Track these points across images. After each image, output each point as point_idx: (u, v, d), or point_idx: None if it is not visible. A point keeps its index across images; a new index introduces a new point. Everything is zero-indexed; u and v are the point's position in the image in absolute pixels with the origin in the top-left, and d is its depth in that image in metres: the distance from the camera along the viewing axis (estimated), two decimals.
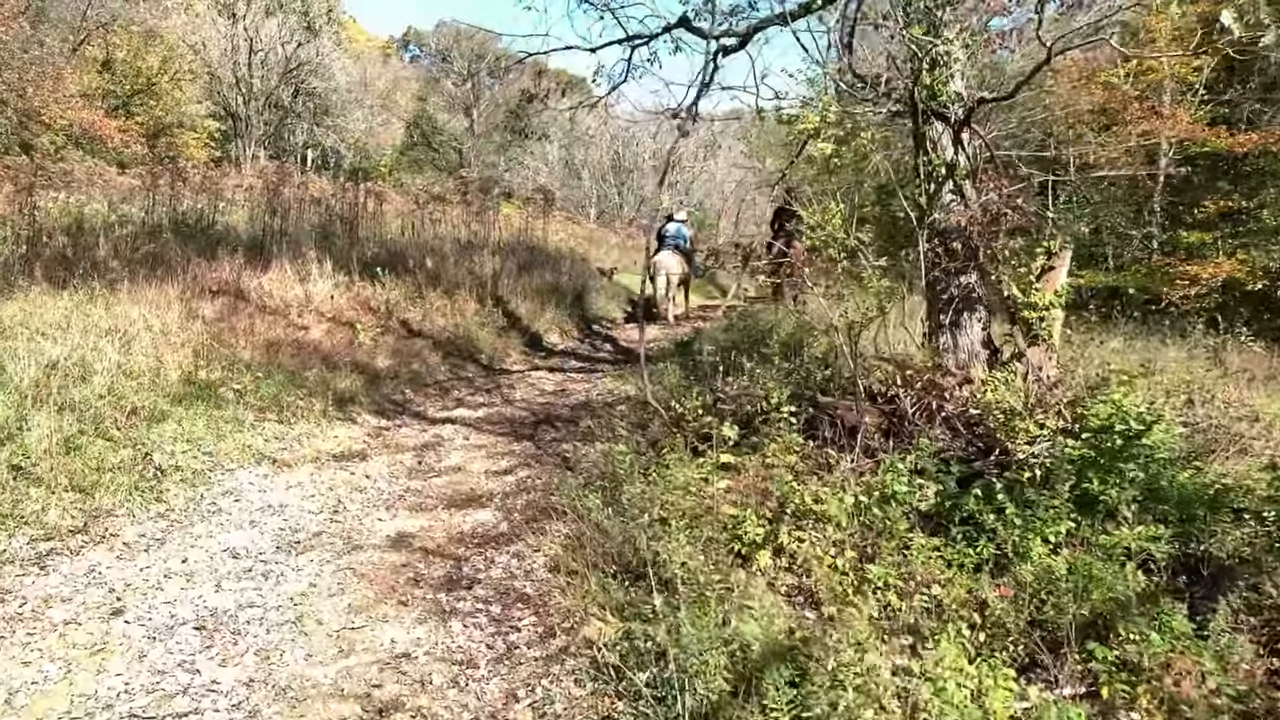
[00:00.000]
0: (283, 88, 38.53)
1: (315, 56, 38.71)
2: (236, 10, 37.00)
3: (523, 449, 6.20)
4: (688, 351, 8.68)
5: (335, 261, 9.92)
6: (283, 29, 37.72)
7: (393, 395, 7.63)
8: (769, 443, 4.79)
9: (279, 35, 37.45)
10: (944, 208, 5.17)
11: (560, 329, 11.34)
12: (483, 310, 10.27)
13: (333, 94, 40.05)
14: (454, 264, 11.14)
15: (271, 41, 37.33)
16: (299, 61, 38.13)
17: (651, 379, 7.58)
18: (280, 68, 37.78)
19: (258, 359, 7.26)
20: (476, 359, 9.17)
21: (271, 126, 38.93)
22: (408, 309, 9.58)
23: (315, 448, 6.26)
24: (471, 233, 13.30)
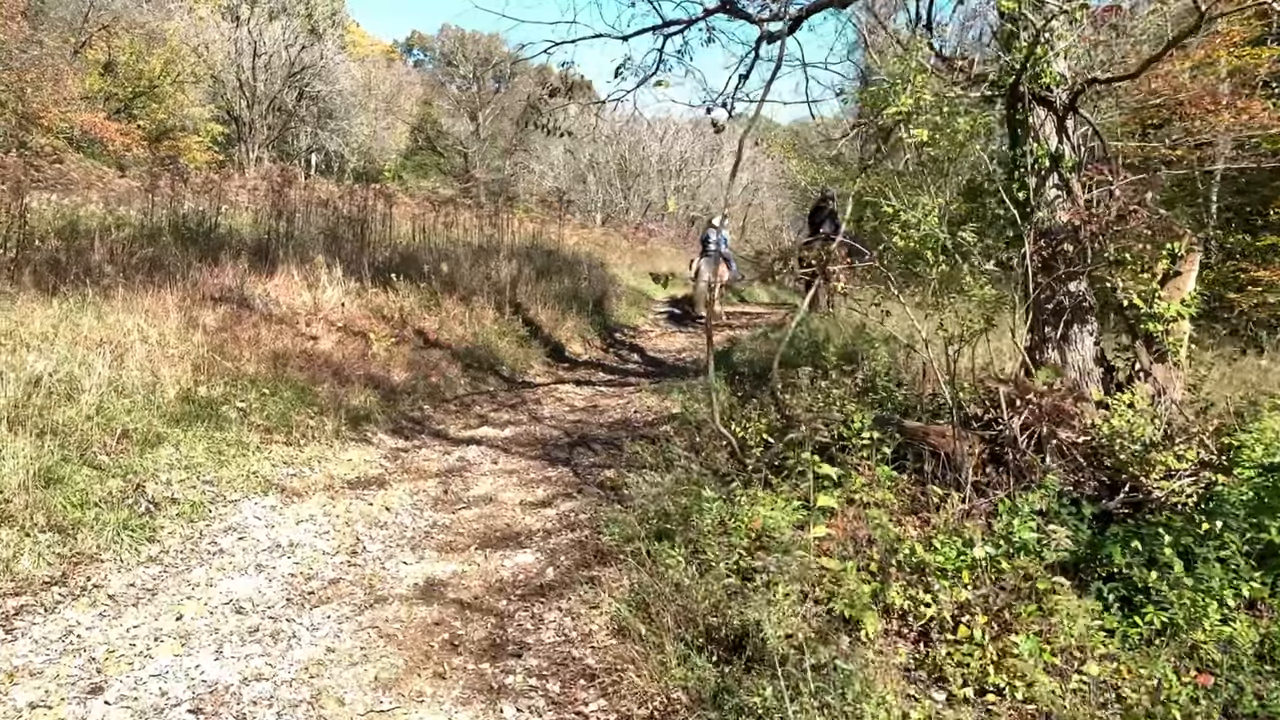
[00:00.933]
0: (286, 91, 37.97)
1: (319, 60, 38.13)
2: (240, 13, 36.44)
3: (559, 475, 5.52)
4: (728, 362, 8.03)
5: (345, 267, 9.27)
6: (286, 32, 37.14)
7: (410, 412, 6.97)
8: (855, 476, 4.12)
9: (283, 38, 36.88)
10: (1048, 205, 4.51)
11: (582, 338, 10.67)
12: (501, 318, 9.62)
13: (336, 97, 39.49)
14: (469, 269, 10.49)
15: (275, 45, 36.76)
16: (303, 65, 37.58)
17: (695, 394, 6.93)
18: (284, 71, 37.23)
19: (263, 373, 6.60)
20: (498, 371, 8.50)
21: (275, 130, 38.35)
22: (423, 317, 8.93)
23: (328, 473, 5.60)
24: (485, 237, 12.64)
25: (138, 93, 29.28)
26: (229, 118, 36.91)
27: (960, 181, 5.20)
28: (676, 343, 11.20)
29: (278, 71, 37.28)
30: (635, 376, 8.80)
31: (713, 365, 4.47)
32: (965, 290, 4.29)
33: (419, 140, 45.87)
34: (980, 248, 4.40)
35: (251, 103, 37.00)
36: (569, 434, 6.44)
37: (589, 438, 6.32)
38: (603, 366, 9.44)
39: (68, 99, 24.60)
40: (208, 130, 33.63)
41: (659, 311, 14.26)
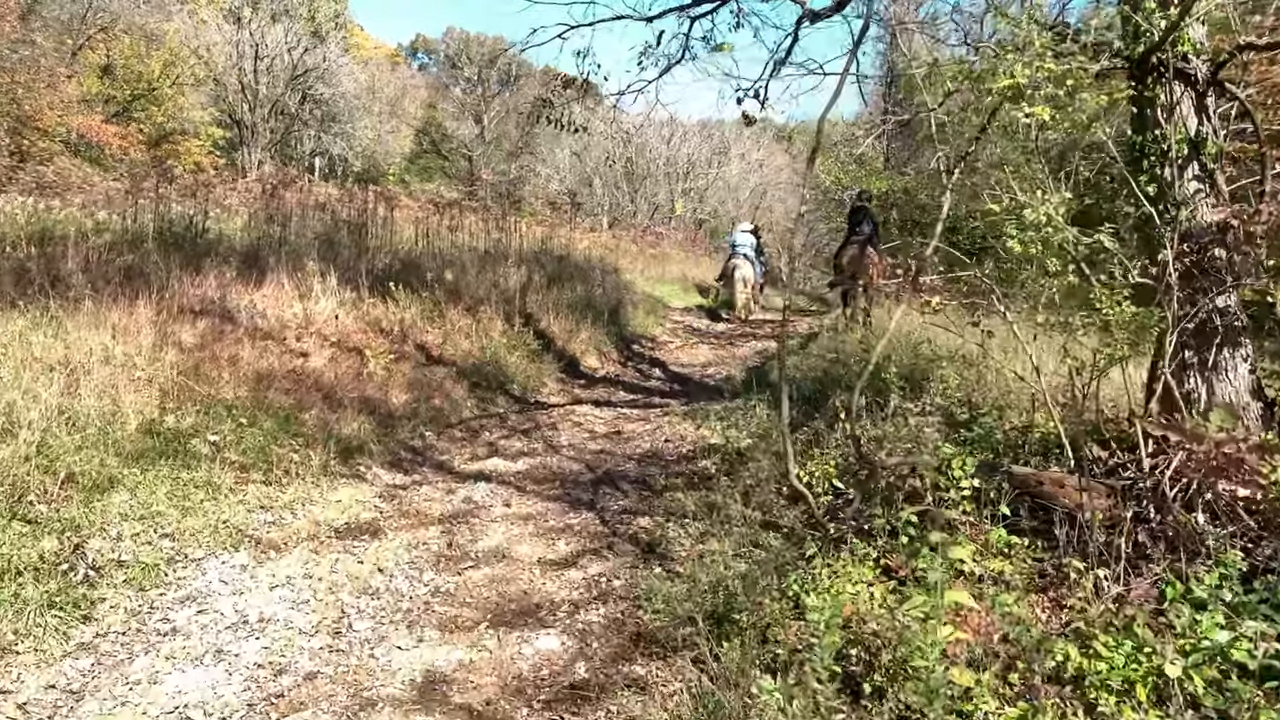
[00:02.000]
0: (289, 94, 37.19)
1: (322, 62, 37.34)
2: (242, 15, 35.67)
3: (583, 523, 4.66)
4: (767, 381, 7.19)
5: (340, 275, 8.43)
6: (289, 34, 36.35)
7: (410, 440, 6.12)
8: (964, 541, 3.25)
9: (285, 41, 36.09)
10: (1188, 201, 3.64)
11: (598, 350, 9.81)
12: (511, 330, 8.76)
13: (339, 100, 38.70)
14: (475, 277, 9.64)
15: (277, 47, 35.98)
16: (305, 67, 36.80)
17: (734, 420, 6.08)
18: (286, 74, 36.45)
19: (243, 398, 5.75)
20: (507, 390, 7.64)
21: (278, 134, 37.56)
22: (425, 330, 8.08)
23: (313, 519, 4.75)
24: (492, 242, 11.79)
25: (136, 95, 28.49)
26: (231, 121, 36.15)
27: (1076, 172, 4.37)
28: (700, 356, 10.33)
29: (280, 74, 36.50)
30: (660, 396, 7.93)
31: (787, 405, 3.59)
32: (1096, 306, 3.43)
33: (423, 144, 45.06)
34: (1119, 254, 3.54)
35: (253, 106, 36.21)
36: (591, 468, 5.56)
37: (615, 474, 5.44)
38: (623, 384, 8.58)
39: (64, 102, 23.87)
40: (208, 134, 32.82)
41: (676, 320, 13.38)
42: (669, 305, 14.34)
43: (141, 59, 28.47)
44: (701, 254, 27.79)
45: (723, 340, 11.87)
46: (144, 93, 28.53)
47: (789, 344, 9.98)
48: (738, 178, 39.65)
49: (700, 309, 15.30)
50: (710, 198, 38.57)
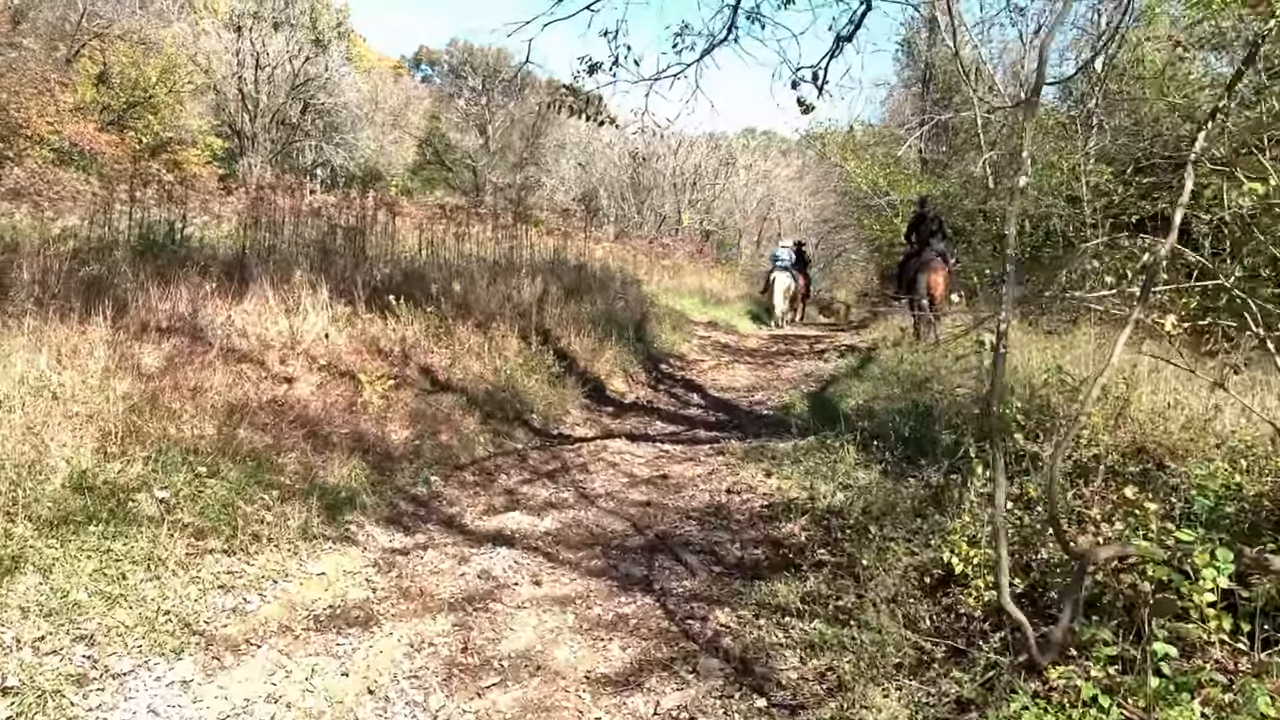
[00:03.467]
0: (290, 104, 36.22)
1: (324, 72, 36.38)
2: (242, 23, 34.69)
3: (640, 612, 3.51)
4: (833, 411, 6.08)
5: (334, 286, 7.32)
6: (290, 43, 35.38)
7: (412, 488, 4.99)
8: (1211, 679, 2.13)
9: (287, 50, 35.12)
10: None
11: (624, 371, 8.66)
12: (528, 349, 7.62)
13: (342, 110, 37.72)
14: (486, 289, 8.51)
15: (279, 56, 35.02)
16: (307, 77, 35.83)
17: (811, 463, 4.94)
18: (288, 83, 35.47)
19: (208, 438, 4.63)
20: (526, 420, 6.50)
21: (279, 144, 36.55)
22: (430, 350, 6.95)
23: (287, 601, 3.63)
24: (503, 251, 10.68)
25: (133, 103, 27.43)
26: (231, 131, 35.14)
27: None
28: (740, 378, 9.16)
29: (281, 84, 35.54)
30: (706, 429, 6.77)
31: (1002, 496, 2.43)
32: None
33: (426, 154, 44.04)
34: None
35: (254, 116, 35.28)
36: (639, 527, 4.41)
37: (672, 538, 4.28)
38: (658, 412, 7.42)
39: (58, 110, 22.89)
40: (207, 143, 31.80)
41: (702, 336, 12.22)
42: (691, 319, 13.21)
43: (138, 66, 27.42)
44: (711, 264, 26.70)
45: (760, 359, 10.72)
46: (140, 100, 27.47)
47: (845, 363, 8.86)
48: (744, 189, 39.00)
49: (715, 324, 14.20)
50: (717, 208, 37.90)
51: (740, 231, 40.08)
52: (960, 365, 6.31)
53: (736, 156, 39.13)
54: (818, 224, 40.93)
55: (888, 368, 7.31)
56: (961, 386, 5.34)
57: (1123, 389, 4.25)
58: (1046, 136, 11.18)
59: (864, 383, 6.94)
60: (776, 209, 40.85)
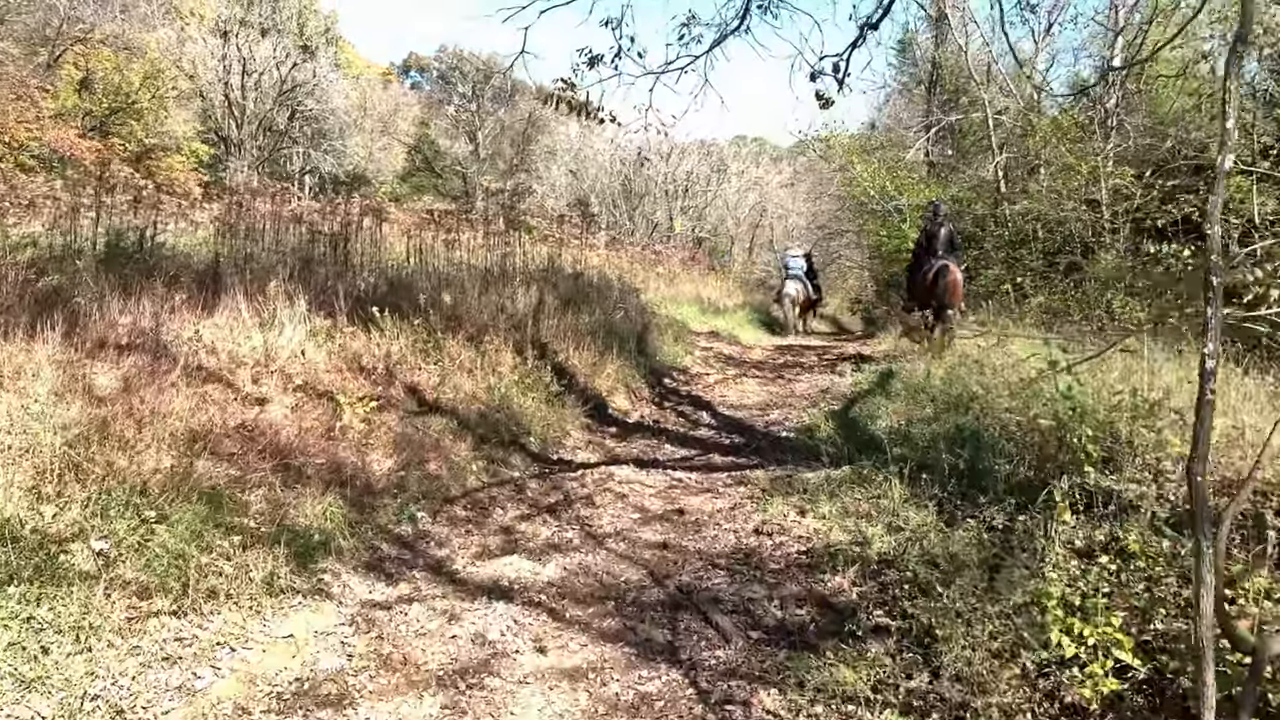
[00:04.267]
0: (277, 110, 35.58)
1: (312, 78, 35.73)
2: (228, 28, 34.04)
3: (666, 693, 2.90)
4: (862, 434, 5.51)
5: (314, 297, 6.73)
6: (277, 49, 34.74)
7: (396, 526, 4.40)
8: None
9: (274, 56, 34.48)
10: None
11: (627, 387, 8.06)
12: (523, 364, 7.02)
13: (330, 117, 37.08)
14: (478, 299, 7.91)
15: (266, 62, 34.37)
16: (294, 83, 35.20)
17: (851, 498, 4.36)
18: (275, 90, 34.83)
19: (165, 471, 4.04)
20: (523, 444, 5.90)
21: (266, 151, 35.88)
22: (417, 367, 6.35)
23: (245, 674, 3.05)
24: (496, 259, 10.08)
25: (115, 109, 26.74)
26: (218, 138, 34.46)
27: None
28: (750, 394, 8.54)
29: (269, 90, 34.90)
30: (722, 454, 6.16)
31: (1210, 604, 1.85)
32: None
33: (416, 161, 43.39)
34: None
35: (241, 122, 34.65)
36: (656, 577, 3.81)
37: (696, 591, 3.65)
38: (666, 433, 6.82)
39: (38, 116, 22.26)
40: (192, 150, 31.12)
41: (704, 347, 11.60)
42: (692, 330, 12.60)
43: (121, 71, 26.75)
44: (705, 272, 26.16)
45: (768, 372, 10.11)
46: (123, 106, 26.79)
47: (863, 376, 8.26)
48: (736, 196, 38.73)
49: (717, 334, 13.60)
50: (709, 216, 37.62)
51: (733, 238, 39.73)
52: (996, 379, 5.75)
53: (728, 163, 38.86)
54: (811, 230, 40.57)
55: (914, 384, 6.74)
56: (1011, 410, 4.77)
57: (1229, 421, 3.70)
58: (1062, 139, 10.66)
59: (892, 401, 6.34)
60: (769, 216, 40.57)
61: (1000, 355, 6.27)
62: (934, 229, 10.25)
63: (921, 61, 16.77)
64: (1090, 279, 9.88)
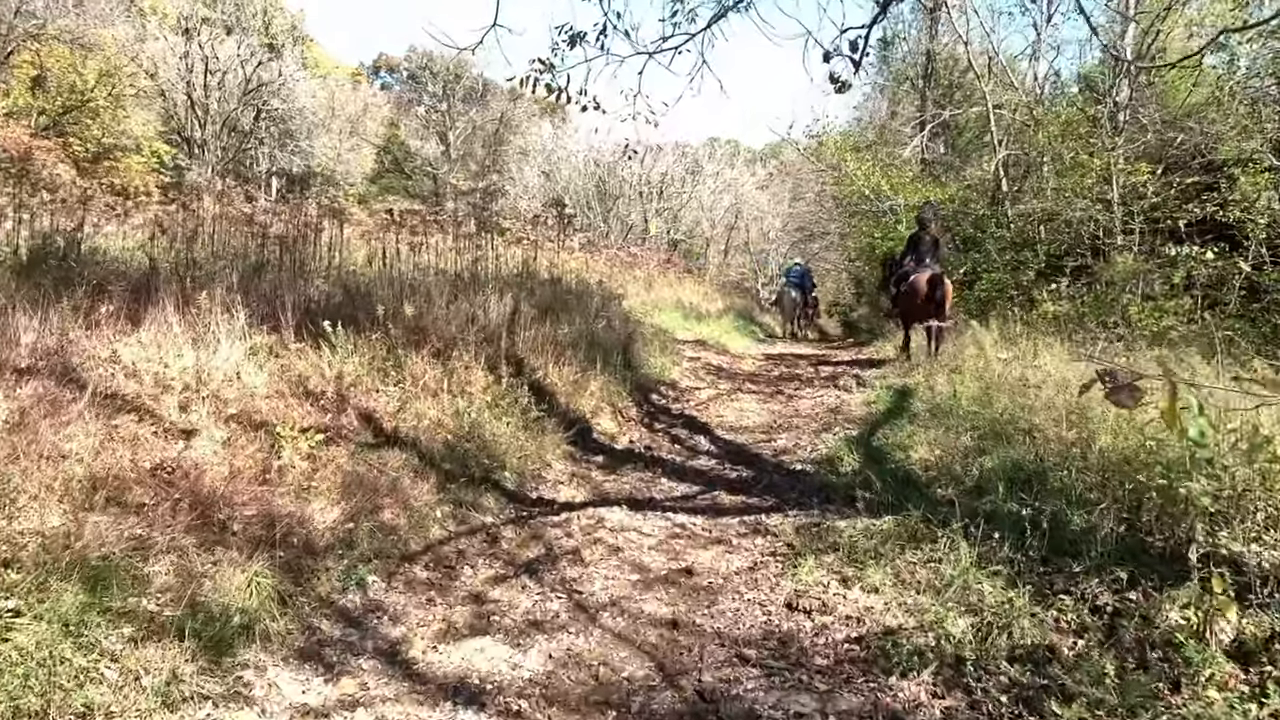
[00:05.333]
0: (242, 110, 34.43)
1: (277, 77, 34.62)
2: (190, 26, 32.85)
3: None
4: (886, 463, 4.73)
5: (256, 309, 5.87)
6: (242, 47, 33.59)
7: (340, 595, 3.56)
8: None
9: (238, 54, 33.34)
10: None
11: (613, 407, 7.22)
12: (496, 384, 6.18)
13: (296, 116, 35.98)
14: (446, 309, 7.06)
15: (230, 61, 33.22)
16: (260, 82, 34.06)
17: (906, 560, 3.57)
18: (240, 89, 33.67)
19: (47, 533, 3.19)
20: (496, 481, 5.06)
21: (230, 152, 34.70)
22: (374, 390, 5.49)
23: None
24: (466, 263, 9.23)
25: (70, 107, 25.55)
26: (180, 139, 33.27)
27: None
28: (750, 413, 7.67)
29: (233, 90, 33.75)
30: (728, 490, 5.27)
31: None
32: None
33: (385, 162, 42.34)
34: None
35: (204, 122, 33.49)
36: (667, 672, 2.96)
37: (722, 701, 2.74)
38: (661, 464, 5.96)
39: None
40: (153, 150, 29.92)
41: (691, 357, 10.77)
42: (676, 338, 11.79)
43: (76, 69, 25.56)
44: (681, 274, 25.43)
45: (765, 386, 9.28)
46: (78, 105, 25.61)
47: (867, 397, 7.49)
48: (711, 197, 38.26)
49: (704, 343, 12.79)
50: (684, 217, 37.10)
51: (708, 240, 39.19)
52: (1037, 401, 4.99)
53: (703, 164, 38.43)
54: (788, 232, 40.08)
55: (940, 405, 5.98)
56: (1076, 444, 4.01)
57: None
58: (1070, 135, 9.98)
59: (922, 427, 5.53)
60: (744, 218, 40.06)
61: (1037, 373, 5.52)
62: (921, 234, 10.05)
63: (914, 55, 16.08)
64: (1104, 283, 9.19)
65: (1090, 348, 7.31)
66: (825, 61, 5.28)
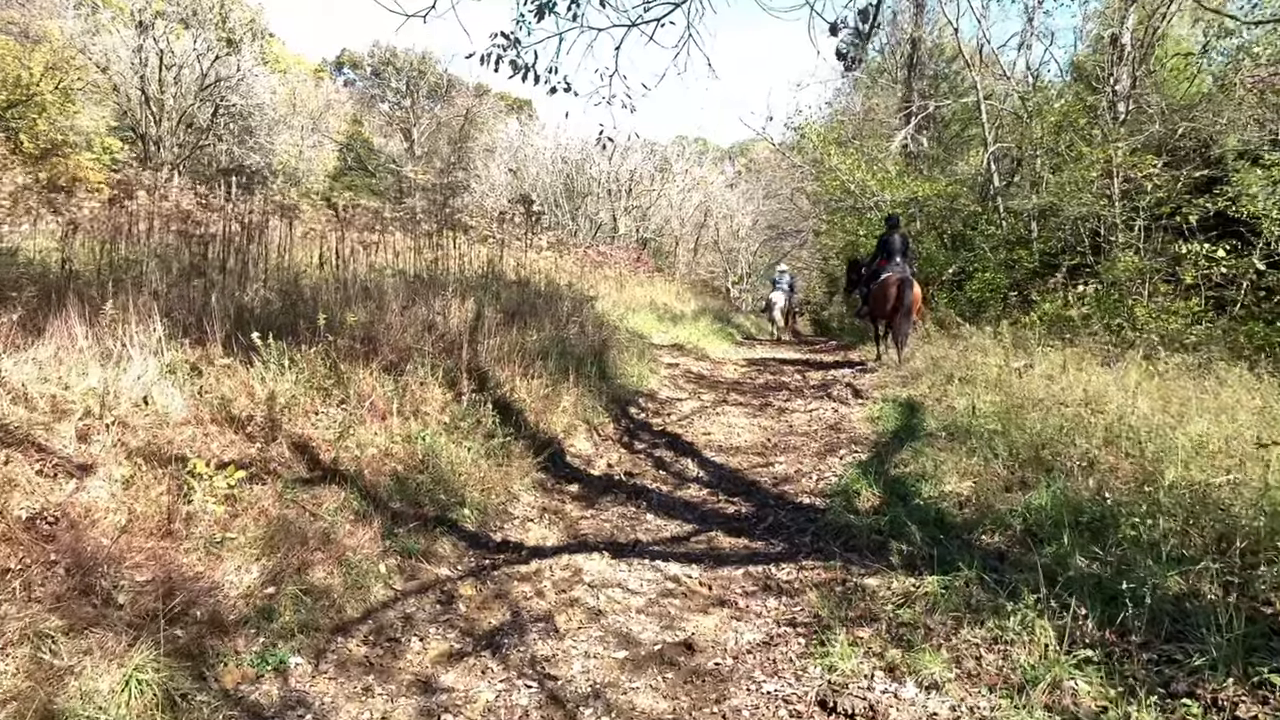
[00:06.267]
0: (199, 106, 33.21)
1: (235, 72, 33.45)
2: (145, 19, 31.58)
3: None
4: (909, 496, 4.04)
5: (181, 320, 5.10)
6: (198, 41, 32.38)
7: (254, 689, 2.81)
8: None
9: (195, 48, 32.13)
10: None
11: (588, 424, 6.48)
12: (457, 402, 5.43)
13: (255, 112, 34.82)
14: (401, 315, 6.30)
15: (186, 55, 32.01)
16: (218, 77, 32.86)
17: (961, 638, 2.88)
18: (197, 84, 32.46)
19: None
20: (454, 521, 4.32)
21: (187, 149, 33.46)
22: (312, 411, 4.72)
23: None
24: (426, 263, 8.45)
25: (13, 101, 24.32)
26: (135, 135, 31.98)
27: None
28: (739, 430, 6.86)
29: (190, 85, 32.53)
30: (726, 530, 4.51)
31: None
32: None
33: (349, 160, 41.17)
34: None
35: (159, 118, 32.25)
36: None
37: None
38: (645, 494, 5.19)
39: None
40: (105, 147, 28.70)
41: (669, 364, 10.01)
42: (652, 343, 11.05)
43: (20, 61, 24.33)
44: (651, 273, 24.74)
45: (751, 396, 8.53)
46: (23, 99, 24.38)
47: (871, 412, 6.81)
48: (680, 195, 37.82)
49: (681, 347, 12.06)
50: (653, 216, 36.61)
51: (677, 239, 38.68)
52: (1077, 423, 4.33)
53: (672, 162, 38.02)
54: (758, 230, 39.67)
55: (956, 422, 5.31)
56: (1149, 480, 3.35)
57: None
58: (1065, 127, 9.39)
59: (943, 452, 4.84)
60: (713, 216, 39.63)
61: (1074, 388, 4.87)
62: (890, 236, 10.30)
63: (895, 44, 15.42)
64: (1106, 282, 8.59)
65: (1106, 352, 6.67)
66: (832, 34, 4.61)
